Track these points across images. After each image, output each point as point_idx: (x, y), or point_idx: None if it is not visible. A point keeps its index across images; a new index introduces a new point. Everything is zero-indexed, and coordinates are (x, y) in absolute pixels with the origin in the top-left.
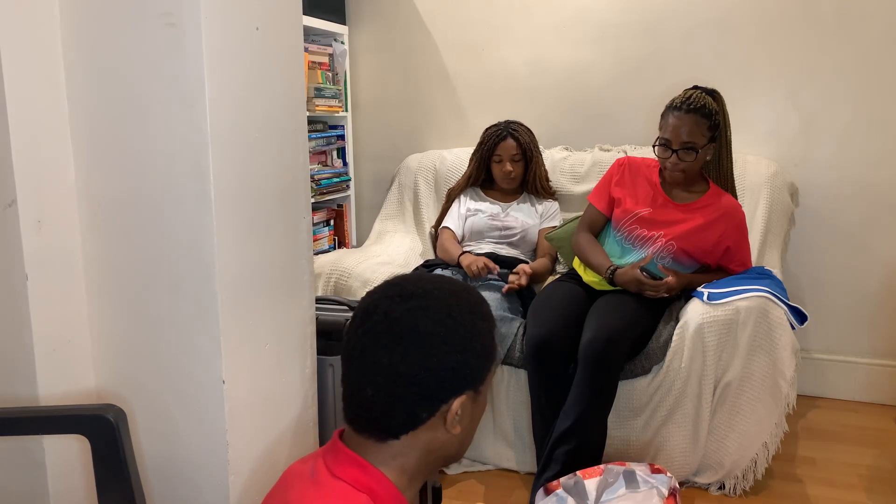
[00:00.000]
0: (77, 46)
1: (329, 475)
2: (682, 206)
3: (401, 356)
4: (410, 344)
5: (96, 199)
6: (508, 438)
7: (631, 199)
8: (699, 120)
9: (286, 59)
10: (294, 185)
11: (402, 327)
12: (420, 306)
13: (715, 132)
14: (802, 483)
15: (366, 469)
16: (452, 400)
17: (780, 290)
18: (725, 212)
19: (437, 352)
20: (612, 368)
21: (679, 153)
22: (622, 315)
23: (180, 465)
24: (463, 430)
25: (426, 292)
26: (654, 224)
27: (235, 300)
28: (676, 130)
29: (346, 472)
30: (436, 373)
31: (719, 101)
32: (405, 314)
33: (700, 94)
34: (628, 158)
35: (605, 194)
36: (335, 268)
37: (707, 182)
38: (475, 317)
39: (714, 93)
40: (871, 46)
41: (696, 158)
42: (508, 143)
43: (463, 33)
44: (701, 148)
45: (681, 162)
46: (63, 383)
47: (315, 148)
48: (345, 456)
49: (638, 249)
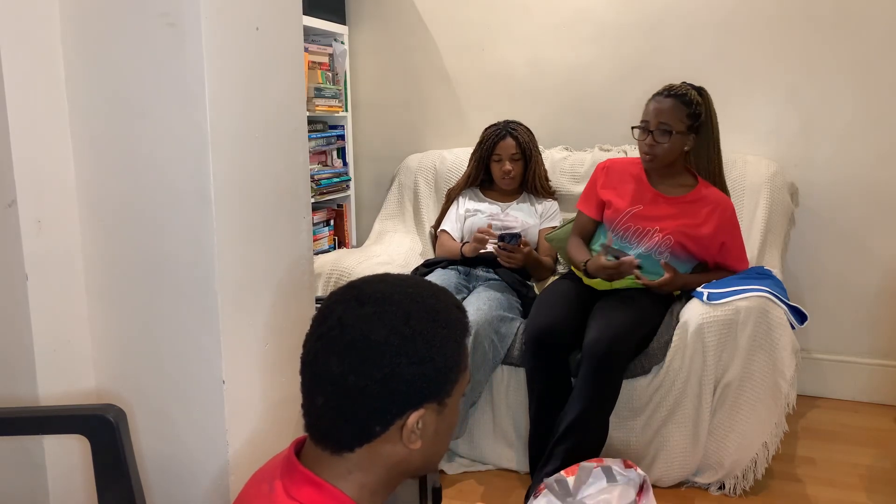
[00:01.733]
0: (77, 46)
1: (284, 496)
2: (672, 200)
3: (351, 365)
4: (362, 353)
5: (96, 199)
6: (508, 438)
7: (620, 199)
8: (677, 105)
9: (286, 59)
10: (294, 185)
11: (354, 334)
12: (375, 312)
13: (695, 122)
14: (802, 483)
15: (321, 487)
16: (409, 413)
17: (780, 290)
18: (716, 204)
19: (389, 362)
20: (616, 368)
21: (654, 134)
22: (626, 315)
23: (180, 465)
24: (426, 444)
25: (384, 297)
26: (648, 219)
27: (235, 300)
28: (654, 112)
29: (302, 493)
30: (388, 385)
31: (705, 97)
32: (358, 320)
33: (684, 85)
34: (609, 161)
35: (592, 199)
36: (335, 268)
37: (695, 178)
38: (437, 325)
39: (701, 89)
40: (871, 46)
41: (672, 143)
42: (507, 142)
43: (463, 33)
44: (677, 133)
45: (656, 144)
46: (63, 383)
47: (315, 148)
48: (300, 475)
49: (635, 246)
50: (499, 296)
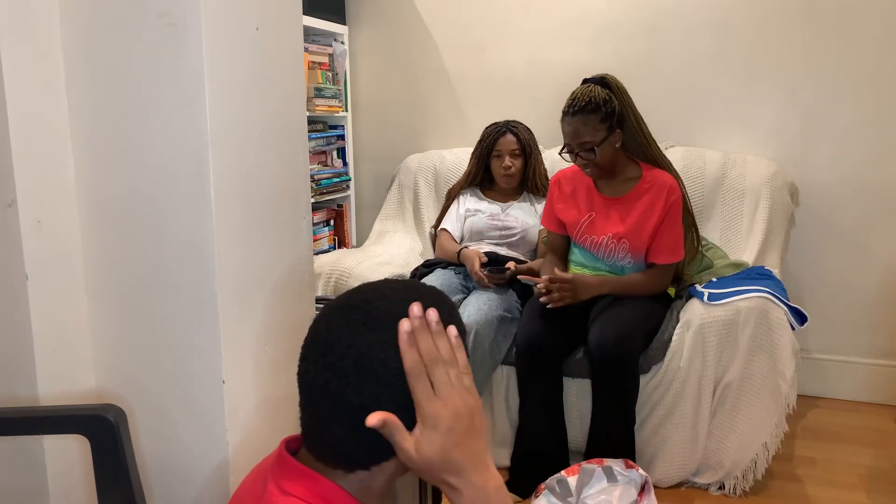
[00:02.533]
0: (77, 46)
1: (279, 493)
2: (619, 200)
3: (371, 396)
4: (382, 381)
5: (96, 199)
6: (507, 438)
7: (574, 211)
8: (587, 118)
9: (286, 59)
10: (294, 185)
11: (372, 364)
12: (390, 337)
13: (612, 120)
14: (802, 483)
15: (318, 481)
16: None
17: (780, 290)
18: (660, 189)
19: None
20: (626, 364)
21: (581, 155)
22: (628, 311)
23: (180, 465)
24: None
25: (394, 318)
26: (599, 227)
27: (235, 300)
28: (571, 135)
29: (297, 488)
30: (411, 407)
31: (612, 87)
32: (373, 348)
33: (584, 90)
34: (560, 173)
35: (552, 216)
36: (335, 268)
37: (638, 166)
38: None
39: (603, 79)
40: (871, 46)
41: (601, 151)
42: (508, 138)
43: (463, 33)
44: (600, 143)
45: (588, 162)
46: (63, 383)
47: (315, 148)
48: (295, 471)
49: (602, 258)
50: (498, 296)
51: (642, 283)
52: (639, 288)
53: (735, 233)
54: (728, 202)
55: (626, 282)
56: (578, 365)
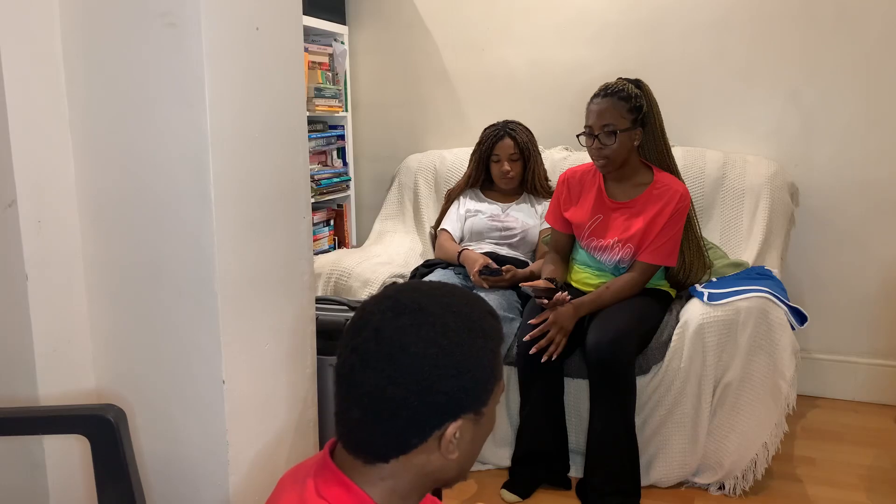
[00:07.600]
0: (77, 46)
1: (315, 494)
2: (628, 204)
3: (389, 378)
4: (399, 365)
5: (96, 199)
6: (508, 439)
7: (581, 212)
8: (617, 102)
9: (286, 59)
10: (294, 185)
11: (391, 347)
12: (413, 323)
13: (638, 115)
14: (802, 483)
15: (350, 489)
16: (447, 425)
17: (780, 290)
18: (671, 196)
19: (428, 374)
20: (622, 366)
21: (600, 137)
22: (625, 313)
23: (180, 465)
24: (462, 453)
25: (421, 307)
26: (606, 231)
27: (235, 300)
28: (595, 115)
29: (331, 492)
30: (426, 397)
31: (644, 89)
32: (396, 332)
33: (619, 81)
34: (570, 171)
35: (557, 214)
36: (335, 268)
37: (651, 172)
38: (475, 335)
39: (638, 81)
40: (871, 46)
41: (619, 142)
42: (506, 142)
43: (463, 33)
44: (623, 130)
45: (604, 147)
46: (63, 383)
47: (315, 148)
48: (331, 474)
49: (607, 261)
50: (499, 295)
51: (619, 290)
52: (616, 297)
53: (735, 233)
54: (728, 202)
55: (601, 295)
56: (578, 365)
